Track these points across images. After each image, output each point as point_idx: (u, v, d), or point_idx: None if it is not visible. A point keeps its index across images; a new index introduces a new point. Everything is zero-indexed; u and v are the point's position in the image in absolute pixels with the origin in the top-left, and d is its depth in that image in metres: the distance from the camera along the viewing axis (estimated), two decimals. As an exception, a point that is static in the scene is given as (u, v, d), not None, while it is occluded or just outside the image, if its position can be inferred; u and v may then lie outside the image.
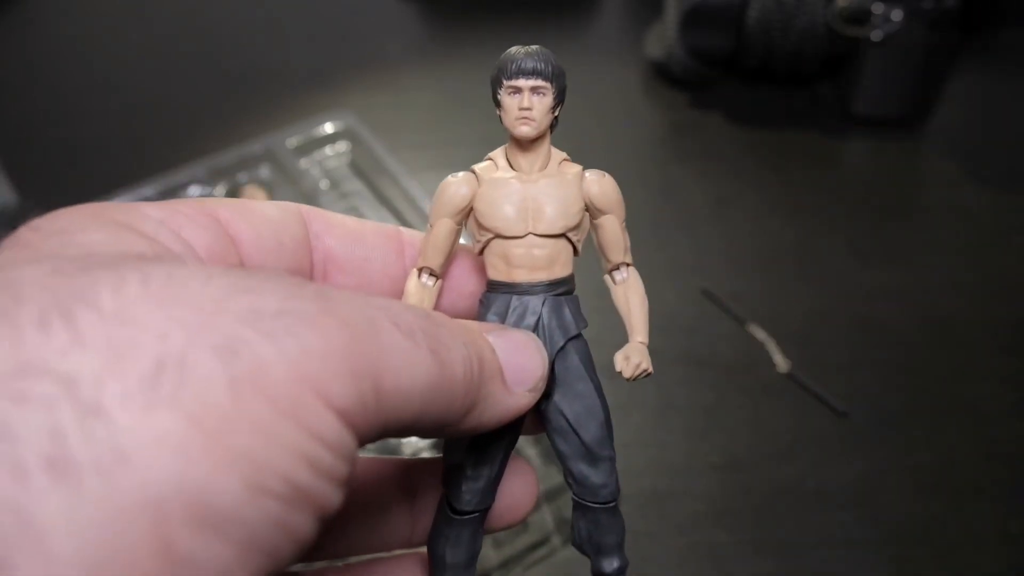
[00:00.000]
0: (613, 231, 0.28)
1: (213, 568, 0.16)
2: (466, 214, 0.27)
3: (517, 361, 0.24)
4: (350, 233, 0.28)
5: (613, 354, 0.28)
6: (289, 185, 0.69)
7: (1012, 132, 0.83)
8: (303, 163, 0.71)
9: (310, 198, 0.67)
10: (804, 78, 0.81)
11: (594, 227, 0.28)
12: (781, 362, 0.61)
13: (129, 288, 0.17)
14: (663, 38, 0.83)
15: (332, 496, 0.18)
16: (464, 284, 0.29)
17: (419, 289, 0.28)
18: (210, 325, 0.17)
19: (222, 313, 0.17)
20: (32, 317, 0.16)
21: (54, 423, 0.15)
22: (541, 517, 0.50)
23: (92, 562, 0.14)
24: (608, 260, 0.29)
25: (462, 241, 0.29)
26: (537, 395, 0.25)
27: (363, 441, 0.19)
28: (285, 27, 0.94)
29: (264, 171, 0.70)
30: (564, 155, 0.28)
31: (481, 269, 0.28)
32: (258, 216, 0.25)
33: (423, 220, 0.30)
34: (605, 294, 0.30)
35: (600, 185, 0.27)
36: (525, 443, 0.53)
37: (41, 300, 0.16)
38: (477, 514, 0.27)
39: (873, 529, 0.52)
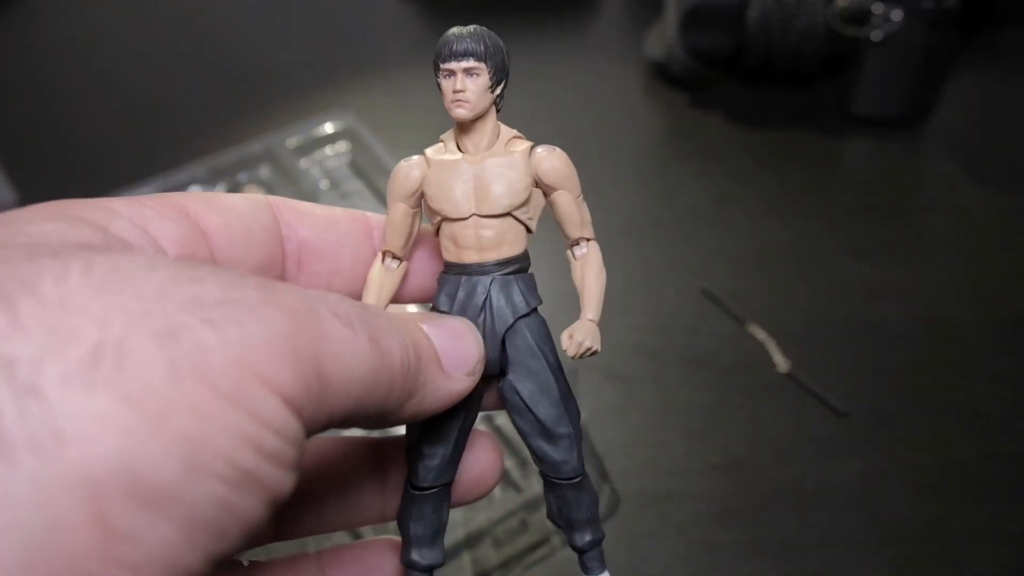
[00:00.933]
0: (567, 206, 0.28)
1: (156, 545, 0.16)
2: (419, 197, 0.27)
3: (452, 346, 0.25)
4: (321, 220, 0.28)
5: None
6: (289, 185, 0.69)
7: (1012, 132, 0.83)
8: (303, 163, 0.71)
9: (310, 198, 0.67)
10: (804, 78, 0.81)
11: (549, 204, 0.28)
12: (781, 362, 0.61)
13: (71, 276, 0.17)
14: (663, 38, 0.83)
15: (281, 479, 0.18)
16: (430, 266, 0.30)
17: (381, 274, 0.28)
18: (151, 312, 0.17)
19: (163, 301, 0.17)
20: None
21: None
22: (541, 517, 0.50)
23: (27, 537, 0.15)
24: (566, 236, 0.29)
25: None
26: (476, 378, 0.25)
27: (310, 430, 0.19)
28: (285, 27, 0.94)
29: (264, 171, 0.70)
30: (515, 132, 0.28)
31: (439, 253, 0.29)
32: (227, 208, 0.25)
33: (423, 220, 0.30)
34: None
35: (549, 160, 0.27)
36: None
37: None
38: (436, 489, 0.28)
39: (873, 529, 0.52)
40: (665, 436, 0.56)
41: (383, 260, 0.28)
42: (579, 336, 0.27)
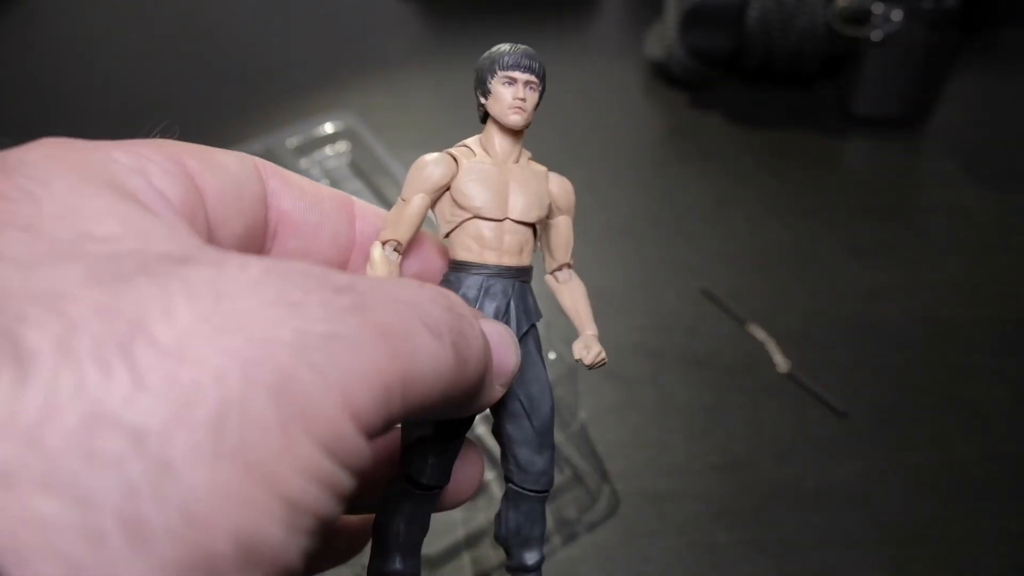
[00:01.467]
0: (567, 231, 0.29)
1: None
2: (441, 192, 0.27)
3: (500, 355, 0.24)
4: (306, 196, 0.27)
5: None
6: (289, 185, 0.69)
7: (1012, 132, 0.83)
8: (303, 163, 0.71)
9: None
10: (804, 78, 0.81)
11: (548, 226, 0.29)
12: (781, 362, 0.61)
13: (180, 312, 0.16)
14: (663, 38, 0.83)
15: (339, 512, 0.18)
16: (424, 268, 0.29)
17: (385, 261, 0.28)
18: (264, 359, 0.16)
19: (273, 343, 0.16)
20: (89, 351, 0.15)
21: (126, 483, 0.14)
22: (541, 517, 0.51)
23: None
24: (555, 259, 0.30)
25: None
26: (506, 390, 0.26)
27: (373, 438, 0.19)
28: (285, 27, 0.94)
29: (264, 171, 0.70)
30: (530, 154, 0.29)
31: (440, 254, 0.29)
32: (221, 168, 0.25)
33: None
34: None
35: (562, 186, 0.29)
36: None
37: (93, 326, 0.15)
38: (436, 491, 0.28)
39: (873, 529, 0.52)
40: (665, 436, 0.56)
41: (383, 248, 0.28)
42: (596, 347, 0.28)
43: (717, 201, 0.74)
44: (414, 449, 0.27)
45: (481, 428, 0.51)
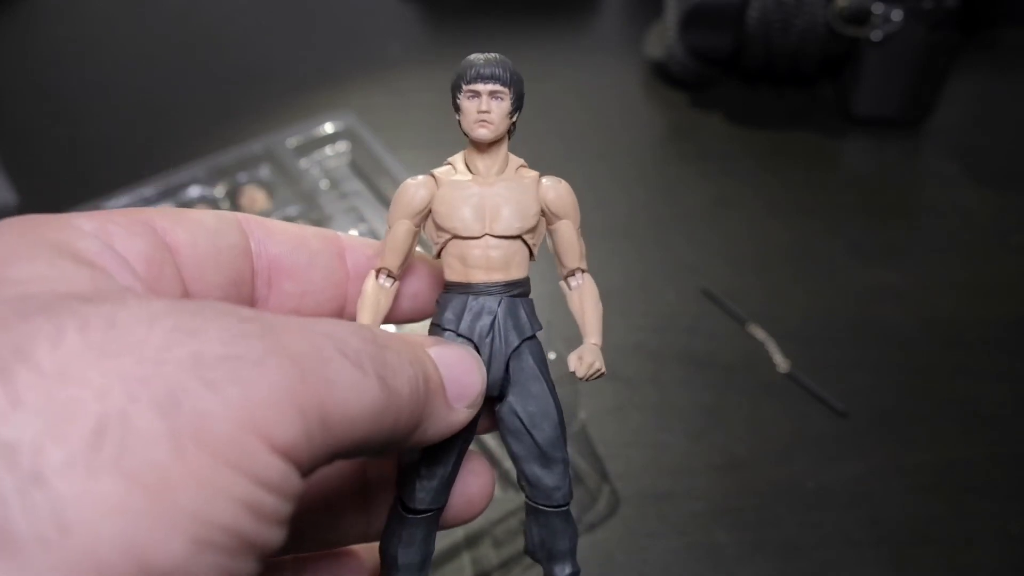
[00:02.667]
0: (568, 236, 0.28)
1: None
2: (424, 216, 0.27)
3: (457, 377, 0.24)
4: (292, 239, 0.28)
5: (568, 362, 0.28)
6: (289, 185, 0.69)
7: (1012, 132, 0.83)
8: (303, 163, 0.71)
9: (310, 198, 0.67)
10: (804, 78, 0.81)
11: (550, 232, 0.29)
12: (781, 362, 0.61)
13: (67, 338, 0.16)
14: (663, 38, 0.83)
15: (275, 537, 0.18)
16: (420, 290, 0.29)
17: (376, 290, 0.28)
18: (151, 377, 0.16)
19: (164, 363, 0.16)
20: None
21: None
22: (541, 517, 0.51)
23: None
24: (563, 265, 0.29)
25: (419, 250, 0.29)
26: (475, 410, 0.25)
27: (308, 472, 0.19)
28: (285, 27, 0.94)
29: (264, 171, 0.70)
30: (522, 161, 0.28)
31: (436, 275, 0.29)
32: (194, 224, 0.25)
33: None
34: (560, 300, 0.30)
35: (556, 190, 0.28)
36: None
37: None
38: (431, 513, 0.27)
39: (873, 529, 0.52)
40: (665, 436, 0.56)
41: (377, 277, 0.28)
42: (589, 358, 0.28)
43: (717, 201, 0.74)
44: (404, 473, 0.27)
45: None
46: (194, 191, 0.68)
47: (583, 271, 0.29)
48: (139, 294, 0.20)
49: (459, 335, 0.27)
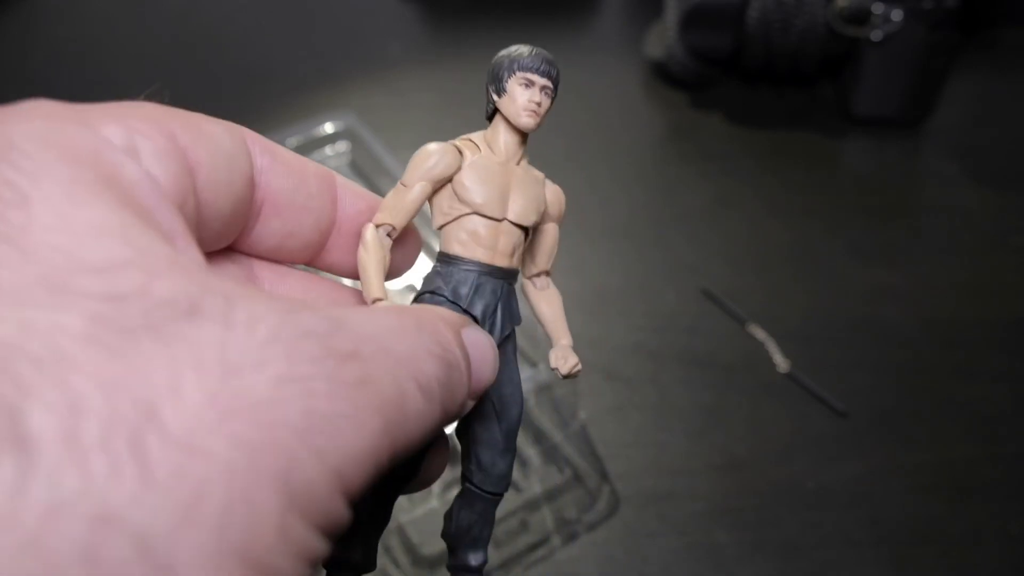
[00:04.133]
0: (553, 239, 0.29)
1: None
2: (442, 183, 0.27)
3: (479, 370, 0.24)
4: (294, 173, 0.26)
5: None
6: (289, 185, 0.69)
7: (1012, 132, 0.83)
8: (303, 163, 0.71)
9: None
10: (804, 78, 0.81)
11: (536, 231, 0.29)
12: (781, 362, 0.61)
13: (187, 388, 0.15)
14: (663, 38, 0.83)
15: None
16: (409, 253, 0.29)
17: (378, 245, 0.27)
18: (269, 445, 0.16)
19: (279, 427, 0.16)
20: (96, 440, 0.14)
21: None
22: (541, 517, 0.51)
23: None
24: (536, 265, 0.29)
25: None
26: (476, 402, 0.25)
27: None
28: (286, 27, 0.94)
29: (264, 171, 0.70)
30: (527, 158, 0.29)
31: (414, 244, 0.29)
32: (212, 143, 0.23)
33: (423, 221, 0.30)
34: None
35: (556, 195, 0.29)
36: (524, 442, 0.53)
37: (99, 408, 0.14)
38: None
39: (873, 529, 0.52)
40: (665, 436, 0.56)
41: (376, 231, 0.27)
42: (572, 358, 0.28)
43: (717, 201, 0.74)
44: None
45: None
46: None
47: (547, 274, 0.30)
48: (235, 300, 0.18)
49: (466, 311, 0.26)
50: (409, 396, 0.19)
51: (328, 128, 0.73)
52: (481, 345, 0.24)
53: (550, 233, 0.29)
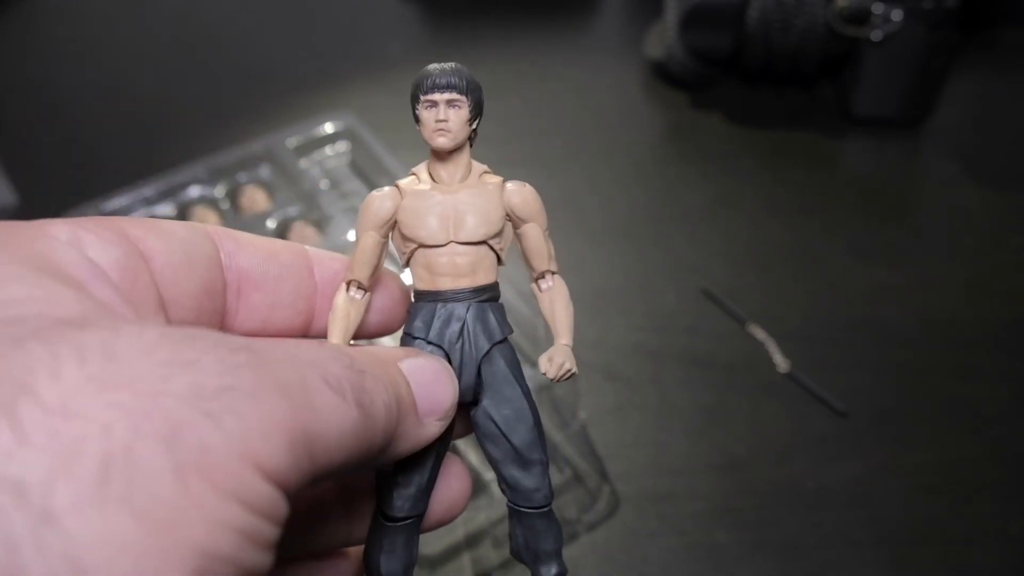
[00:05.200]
0: (536, 239, 0.29)
1: None
2: (390, 227, 0.28)
3: (429, 392, 0.25)
4: (262, 251, 0.28)
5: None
6: (289, 185, 0.69)
7: (1012, 132, 0.83)
8: (303, 163, 0.71)
9: (310, 198, 0.67)
10: (804, 78, 0.81)
11: (518, 236, 0.29)
12: (781, 362, 0.61)
13: (66, 369, 0.16)
14: (663, 38, 0.83)
15: (266, 562, 0.18)
16: (389, 304, 0.30)
17: (347, 303, 0.28)
18: (153, 410, 0.16)
19: (164, 395, 0.17)
20: None
21: (7, 536, 0.14)
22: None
23: None
24: (533, 268, 0.29)
25: (386, 266, 0.29)
26: (447, 422, 0.26)
27: (292, 496, 0.19)
28: (285, 27, 0.94)
29: (264, 171, 0.70)
30: (485, 167, 0.28)
31: (403, 290, 0.30)
32: (167, 233, 0.25)
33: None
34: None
35: (521, 195, 0.28)
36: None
37: None
38: (411, 520, 0.28)
39: (873, 529, 0.52)
40: (665, 436, 0.56)
41: (347, 290, 0.28)
42: (559, 359, 0.28)
43: (717, 201, 0.74)
44: (381, 481, 0.28)
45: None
46: (194, 191, 0.68)
47: (553, 273, 0.29)
48: (129, 320, 0.20)
49: (429, 342, 0.27)
50: (315, 388, 0.20)
51: (328, 128, 0.73)
52: (432, 369, 0.25)
53: (531, 235, 0.28)
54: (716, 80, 0.83)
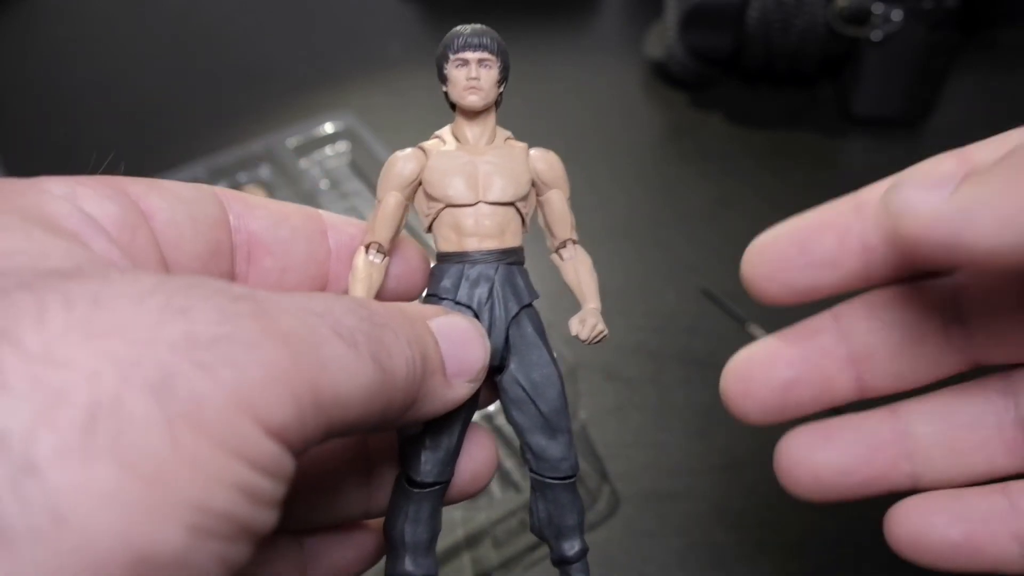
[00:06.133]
0: (560, 205, 0.28)
1: None
2: (414, 188, 0.27)
3: (459, 353, 0.24)
4: (273, 215, 0.27)
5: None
6: (289, 185, 0.69)
7: (1012, 132, 0.83)
8: (303, 163, 0.71)
9: (310, 198, 0.67)
10: (804, 78, 0.81)
11: (540, 204, 0.28)
12: (781, 362, 0.60)
13: (52, 317, 0.16)
14: (663, 38, 0.83)
15: (269, 520, 0.18)
16: (406, 272, 0.29)
17: (367, 265, 0.27)
18: (143, 358, 0.16)
19: (155, 343, 0.16)
20: None
21: None
22: (541, 517, 0.50)
23: None
24: (555, 236, 0.29)
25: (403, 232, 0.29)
26: (477, 385, 0.25)
27: (301, 453, 0.18)
28: (285, 27, 0.94)
29: (264, 171, 0.70)
30: (509, 133, 0.28)
31: (422, 257, 0.29)
32: (170, 192, 0.24)
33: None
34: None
35: (547, 160, 0.28)
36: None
37: None
38: (438, 487, 0.27)
39: (873, 529, 0.52)
40: (665, 436, 0.56)
41: (367, 253, 0.27)
42: (592, 319, 0.28)
43: (717, 201, 0.74)
44: (407, 447, 0.27)
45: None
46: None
47: (574, 242, 0.29)
48: (123, 268, 0.19)
49: (458, 303, 0.27)
50: (322, 337, 0.19)
51: (328, 128, 0.73)
52: (461, 328, 0.24)
53: (555, 200, 0.28)
54: (716, 80, 0.83)
